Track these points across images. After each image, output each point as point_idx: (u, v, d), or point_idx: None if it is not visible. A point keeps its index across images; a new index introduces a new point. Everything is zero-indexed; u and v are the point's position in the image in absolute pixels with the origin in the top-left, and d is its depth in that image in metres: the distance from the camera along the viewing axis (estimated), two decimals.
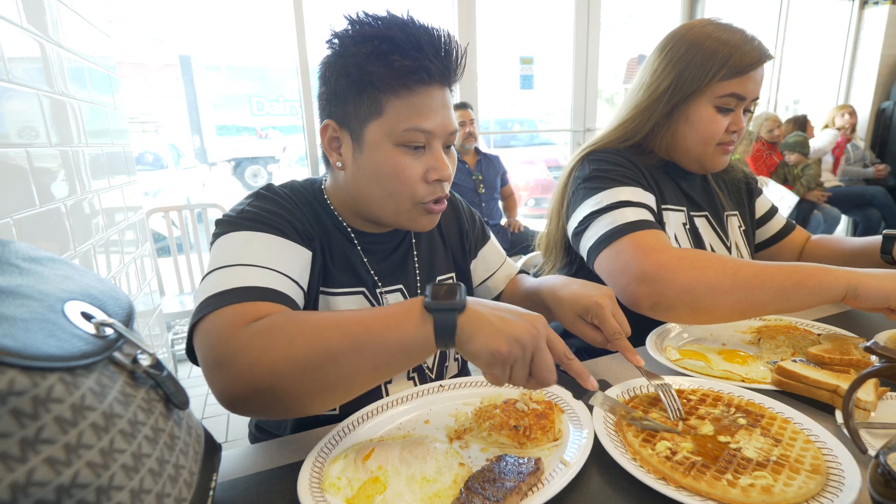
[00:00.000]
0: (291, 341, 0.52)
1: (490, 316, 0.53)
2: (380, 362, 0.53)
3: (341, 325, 0.53)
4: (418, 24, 0.65)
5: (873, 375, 0.51)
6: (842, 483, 0.48)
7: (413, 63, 0.63)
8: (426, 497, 0.50)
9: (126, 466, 0.33)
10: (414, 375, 0.82)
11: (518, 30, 3.85)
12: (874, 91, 4.45)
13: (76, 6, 1.35)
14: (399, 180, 0.69)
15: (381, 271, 0.80)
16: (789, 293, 0.74)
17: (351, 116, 0.68)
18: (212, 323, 0.56)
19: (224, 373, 0.53)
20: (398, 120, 0.66)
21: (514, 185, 3.20)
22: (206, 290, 0.60)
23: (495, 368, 0.52)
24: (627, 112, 1.00)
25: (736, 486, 0.47)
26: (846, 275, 0.74)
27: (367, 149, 0.69)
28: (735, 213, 1.09)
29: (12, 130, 0.96)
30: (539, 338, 0.53)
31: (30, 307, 0.33)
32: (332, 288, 0.76)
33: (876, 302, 0.72)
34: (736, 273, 0.76)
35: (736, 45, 0.89)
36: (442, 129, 0.69)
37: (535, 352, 0.52)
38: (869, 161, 4.29)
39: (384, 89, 0.65)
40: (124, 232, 1.56)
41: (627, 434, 0.57)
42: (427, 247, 0.88)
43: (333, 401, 0.56)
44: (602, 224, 0.87)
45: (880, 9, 4.30)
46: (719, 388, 0.67)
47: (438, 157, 0.70)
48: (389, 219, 0.74)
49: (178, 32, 4.82)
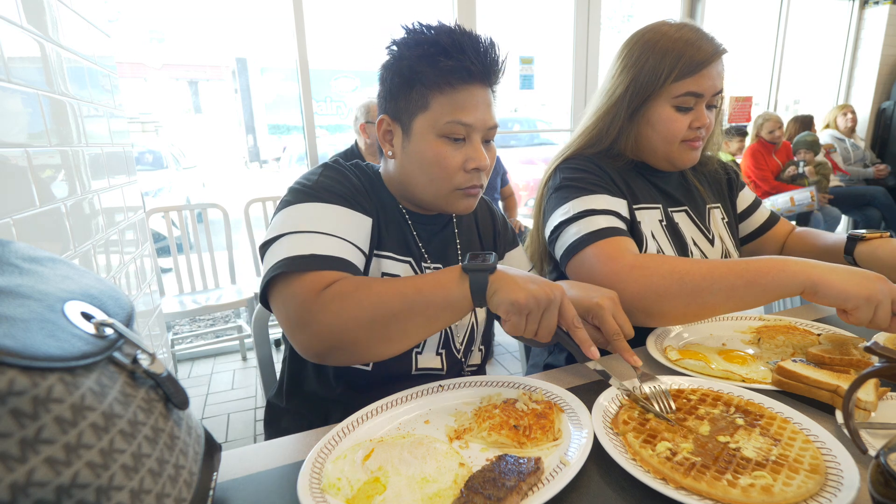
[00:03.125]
0: (360, 304, 0.64)
1: (516, 277, 0.65)
2: (430, 316, 0.66)
3: (399, 289, 0.66)
4: (464, 31, 0.74)
5: (873, 375, 0.51)
6: (840, 482, 0.48)
7: (456, 63, 0.72)
8: (426, 497, 0.50)
9: (126, 466, 0.33)
10: (442, 352, 0.87)
11: (518, 30, 3.85)
12: (874, 91, 4.44)
13: (76, 6, 1.35)
14: (440, 167, 0.77)
15: (428, 249, 0.88)
16: (741, 293, 0.76)
17: (402, 111, 0.77)
18: (293, 288, 0.67)
19: (307, 332, 0.65)
20: (442, 113, 0.74)
21: (514, 185, 3.20)
22: (285, 250, 0.69)
23: (513, 316, 0.63)
24: (590, 118, 1.03)
25: (736, 486, 0.47)
26: (807, 270, 0.73)
27: (414, 139, 0.77)
28: (717, 206, 1.10)
29: (12, 130, 0.96)
30: (553, 299, 0.64)
31: (30, 307, 0.33)
32: (384, 252, 0.83)
33: (834, 301, 0.71)
34: (683, 278, 0.79)
35: (687, 45, 0.90)
36: (482, 123, 0.76)
37: (546, 310, 0.64)
38: (869, 161, 4.29)
39: (431, 86, 0.74)
40: (124, 232, 1.56)
41: (628, 435, 0.57)
42: (466, 237, 0.95)
43: (398, 349, 0.68)
44: (570, 234, 0.91)
45: (880, 9, 4.30)
46: (718, 388, 0.67)
47: (477, 148, 0.77)
48: (431, 202, 0.81)
49: (234, 36, 4.93)
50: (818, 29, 4.56)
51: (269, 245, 0.72)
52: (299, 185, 0.79)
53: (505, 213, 3.12)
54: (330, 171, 0.81)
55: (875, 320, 0.70)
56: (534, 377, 0.74)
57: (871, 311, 0.69)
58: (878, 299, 0.69)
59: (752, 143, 3.84)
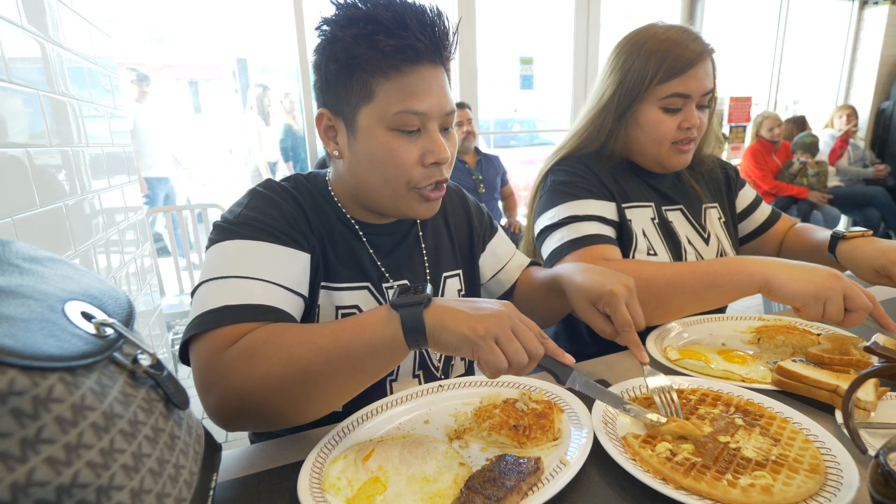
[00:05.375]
0: (269, 361, 0.54)
1: (460, 306, 0.55)
2: (352, 369, 0.55)
3: (313, 339, 0.55)
4: (405, 2, 0.63)
5: (873, 375, 0.51)
6: (840, 482, 0.48)
7: (399, 42, 0.61)
8: (426, 497, 0.50)
9: (126, 466, 0.33)
10: (420, 373, 0.81)
11: (518, 30, 3.85)
12: (874, 91, 4.45)
13: (76, 6, 1.35)
14: (394, 165, 0.67)
15: (389, 265, 0.79)
16: (702, 295, 0.80)
17: (343, 103, 0.67)
18: (199, 348, 0.59)
19: (212, 397, 0.56)
20: (389, 103, 0.64)
21: (514, 185, 3.20)
22: (198, 304, 0.61)
23: (480, 351, 0.52)
24: (580, 121, 1.04)
25: (736, 486, 0.47)
26: (762, 270, 0.76)
27: (360, 135, 0.67)
28: (714, 206, 1.10)
29: (13, 130, 0.96)
30: (512, 316, 0.55)
31: (30, 307, 0.33)
32: (335, 283, 0.74)
33: (784, 299, 0.73)
34: (649, 284, 0.82)
35: (672, 46, 0.90)
36: (437, 109, 0.66)
37: (513, 327, 0.54)
38: (869, 161, 4.29)
39: (373, 72, 0.63)
40: (124, 232, 1.56)
41: (627, 436, 0.57)
42: (433, 242, 0.85)
43: (318, 410, 0.59)
44: (554, 239, 0.93)
45: (880, 9, 4.30)
46: (718, 388, 0.67)
47: (435, 139, 0.67)
48: (388, 206, 0.72)
49: (234, 36, 4.96)
50: (818, 29, 4.56)
51: (193, 294, 0.65)
52: (222, 219, 0.69)
53: (505, 213, 3.14)
54: (256, 201, 0.71)
55: (826, 316, 0.71)
56: (534, 377, 0.74)
57: (819, 307, 0.71)
58: (826, 296, 0.70)
59: (752, 143, 3.85)
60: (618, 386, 0.69)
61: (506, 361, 0.53)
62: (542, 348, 0.55)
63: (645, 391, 0.68)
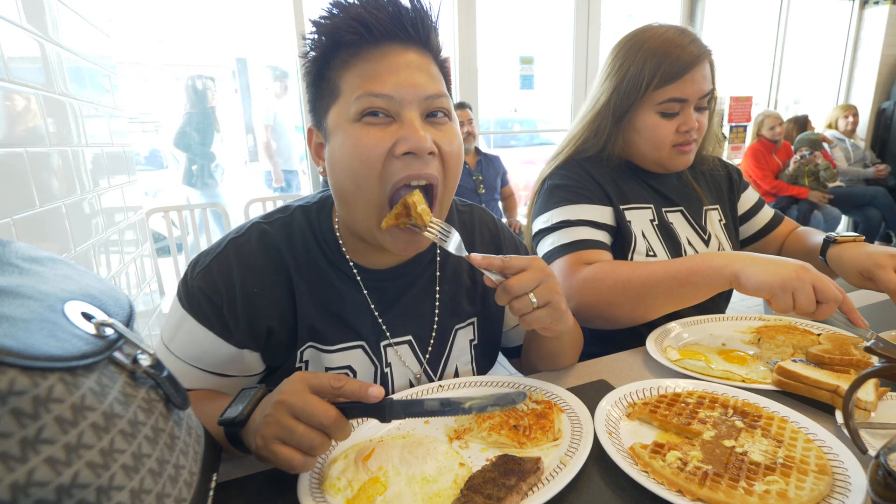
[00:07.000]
0: None
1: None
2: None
3: None
4: None
5: (873, 375, 0.51)
6: (848, 483, 0.48)
7: (352, 22, 0.56)
8: (426, 497, 0.50)
9: (126, 466, 0.33)
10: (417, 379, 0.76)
11: (518, 30, 3.85)
12: (874, 91, 4.45)
13: (76, 6, 1.35)
14: (360, 159, 0.57)
15: (391, 318, 0.71)
16: (678, 292, 0.82)
17: (320, 112, 0.63)
18: None
19: None
20: (352, 91, 0.58)
21: (515, 185, 3.20)
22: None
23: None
24: (577, 125, 1.05)
25: (752, 493, 0.47)
26: (732, 264, 0.77)
27: (331, 139, 0.61)
28: (715, 208, 1.10)
29: (12, 130, 0.96)
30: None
31: (30, 307, 0.33)
32: (324, 345, 0.68)
33: (753, 291, 0.74)
34: (626, 287, 0.83)
35: (669, 49, 0.90)
36: (408, 91, 0.57)
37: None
38: (869, 161, 4.29)
39: (337, 67, 0.59)
40: (124, 232, 1.56)
41: (635, 446, 0.56)
42: (451, 288, 0.75)
43: None
44: (547, 243, 0.95)
45: (880, 9, 4.30)
46: (713, 390, 0.67)
47: (410, 125, 0.57)
48: (370, 226, 0.62)
49: (234, 36, 4.97)
50: (818, 29, 4.56)
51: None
52: (186, 274, 0.66)
53: (505, 214, 3.13)
54: (216, 267, 0.64)
55: (797, 307, 0.71)
56: (534, 377, 0.74)
57: (787, 298, 0.71)
58: (794, 286, 0.70)
59: (753, 143, 3.84)
60: (621, 389, 0.68)
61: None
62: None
63: (655, 394, 0.67)
